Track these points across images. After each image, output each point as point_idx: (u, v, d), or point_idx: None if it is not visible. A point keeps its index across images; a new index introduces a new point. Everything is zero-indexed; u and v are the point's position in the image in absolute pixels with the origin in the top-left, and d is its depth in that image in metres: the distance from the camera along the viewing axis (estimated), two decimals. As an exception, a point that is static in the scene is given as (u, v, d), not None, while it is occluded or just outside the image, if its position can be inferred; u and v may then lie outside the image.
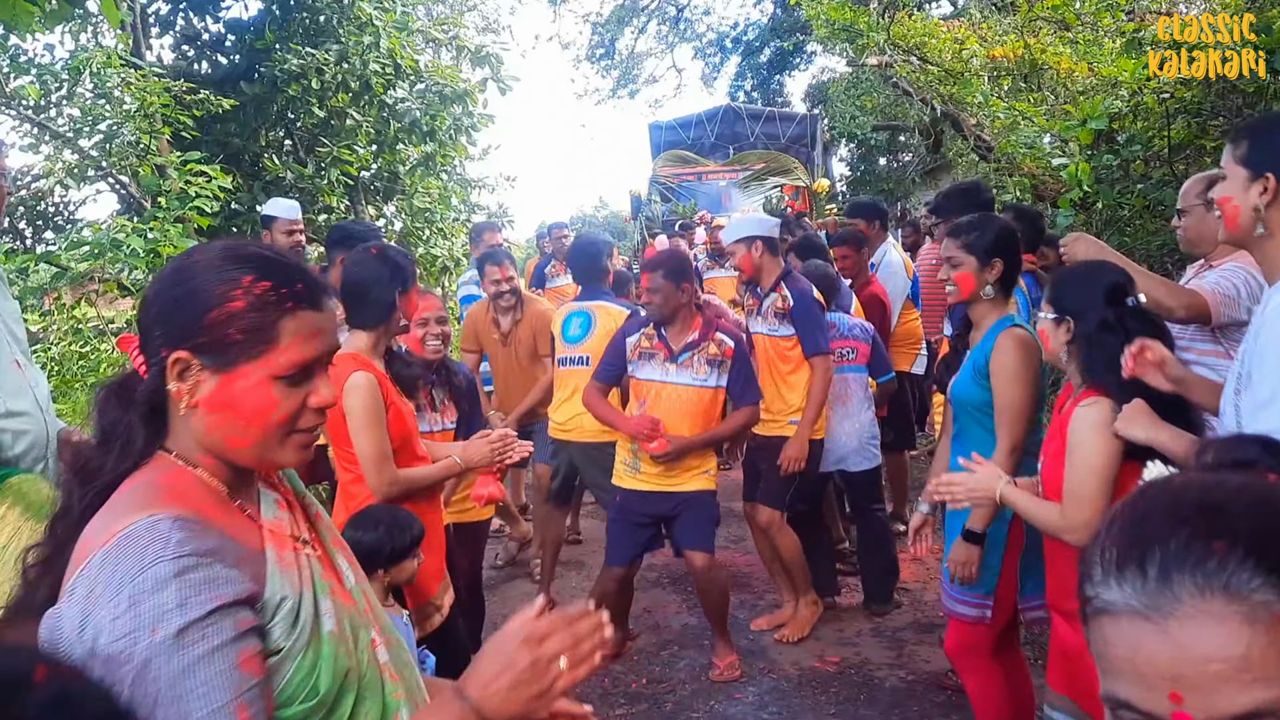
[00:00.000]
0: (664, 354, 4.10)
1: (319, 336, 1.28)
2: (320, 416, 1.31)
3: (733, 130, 13.51)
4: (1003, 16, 12.37)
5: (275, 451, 1.29)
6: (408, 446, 2.92)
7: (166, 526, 1.14)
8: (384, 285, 2.89)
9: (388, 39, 10.63)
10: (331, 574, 1.36)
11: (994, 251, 2.90)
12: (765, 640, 4.45)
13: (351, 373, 2.82)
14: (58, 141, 9.55)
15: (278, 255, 1.31)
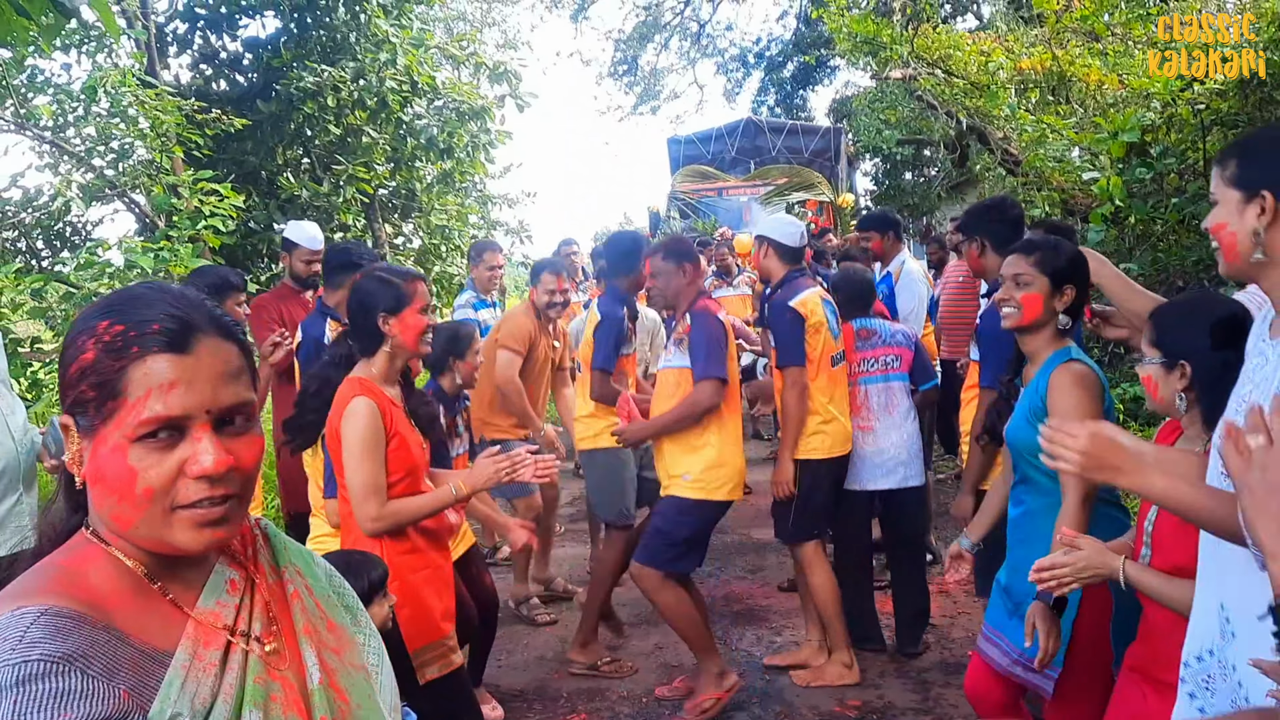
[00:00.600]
0: (673, 340, 4.06)
1: (182, 387, 1.02)
2: (220, 485, 1.04)
3: (754, 144, 13.29)
4: (1029, 29, 12.15)
5: (163, 532, 1.04)
6: (413, 481, 2.76)
7: (28, 621, 0.95)
8: (367, 310, 2.74)
9: (404, 56, 10.56)
10: (283, 675, 1.13)
11: (1069, 276, 2.64)
12: (782, 682, 4.21)
13: (352, 398, 2.67)
14: (73, 161, 9.51)
15: (156, 292, 1.09)
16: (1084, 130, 9.13)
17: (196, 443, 1.03)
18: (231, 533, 1.08)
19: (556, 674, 4.42)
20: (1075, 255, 2.70)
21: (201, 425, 1.04)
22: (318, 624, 1.22)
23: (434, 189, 12.16)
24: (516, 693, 4.25)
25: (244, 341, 1.12)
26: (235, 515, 1.08)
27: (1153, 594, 2.11)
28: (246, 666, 1.09)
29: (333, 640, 1.22)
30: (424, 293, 2.80)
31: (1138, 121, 7.75)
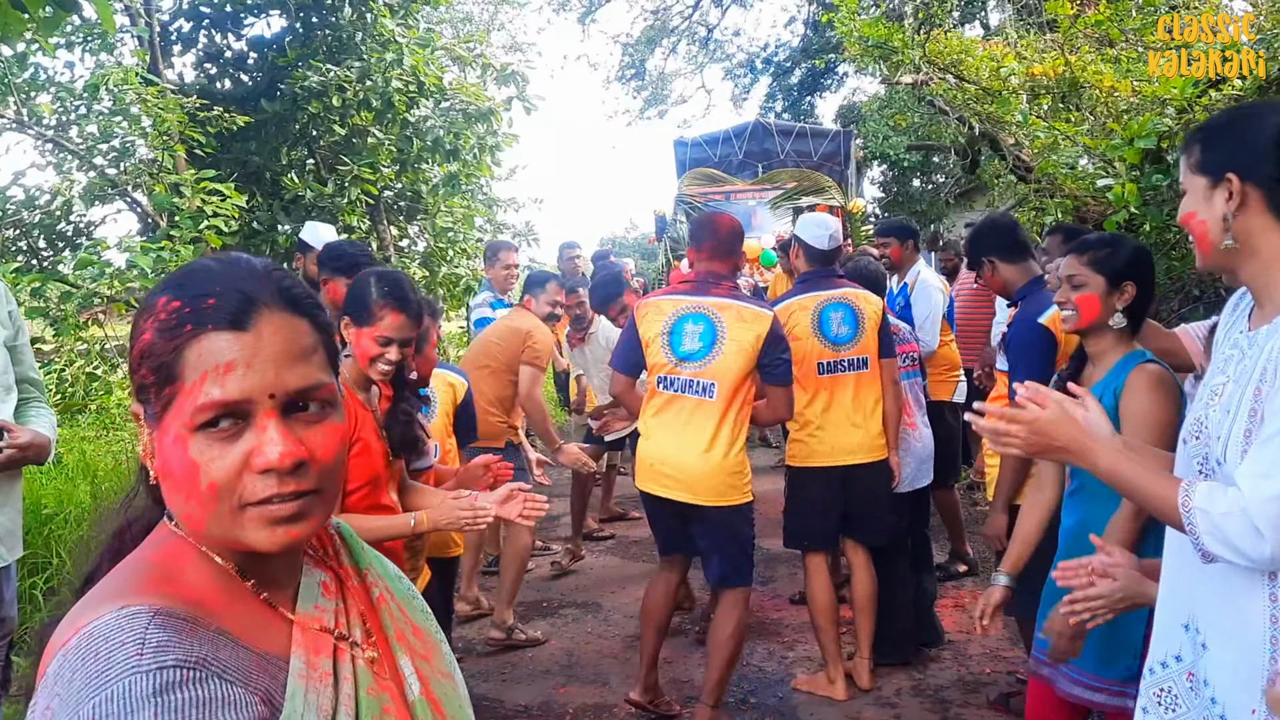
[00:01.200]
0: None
1: (240, 368, 0.90)
2: (291, 481, 0.91)
3: (762, 147, 13.11)
4: (1040, 34, 12.03)
5: (234, 531, 0.92)
6: (374, 492, 2.63)
7: (144, 622, 0.84)
8: (344, 307, 2.66)
9: (410, 56, 10.45)
10: (388, 684, 1.02)
11: (1127, 273, 2.53)
12: (796, 700, 4.08)
13: None
14: (75, 160, 9.41)
15: (221, 263, 0.97)
16: (1097, 137, 9.01)
17: (261, 432, 0.91)
18: (309, 531, 0.95)
19: (560, 689, 4.30)
20: (1134, 251, 2.58)
21: (267, 412, 0.91)
22: (405, 630, 1.11)
23: (440, 191, 12.04)
24: (520, 708, 4.13)
25: (319, 317, 0.99)
26: (314, 511, 0.95)
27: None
28: (357, 676, 0.99)
29: (420, 646, 1.11)
30: (396, 326, 2.59)
31: (1154, 128, 7.63)
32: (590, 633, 4.96)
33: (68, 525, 4.69)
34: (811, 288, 4.20)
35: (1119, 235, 2.70)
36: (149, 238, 8.46)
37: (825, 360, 4.12)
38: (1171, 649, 1.72)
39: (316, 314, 0.98)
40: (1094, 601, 1.99)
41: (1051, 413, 1.74)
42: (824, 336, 4.12)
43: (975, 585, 5.36)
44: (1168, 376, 2.49)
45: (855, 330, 4.16)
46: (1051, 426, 1.72)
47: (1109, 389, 2.50)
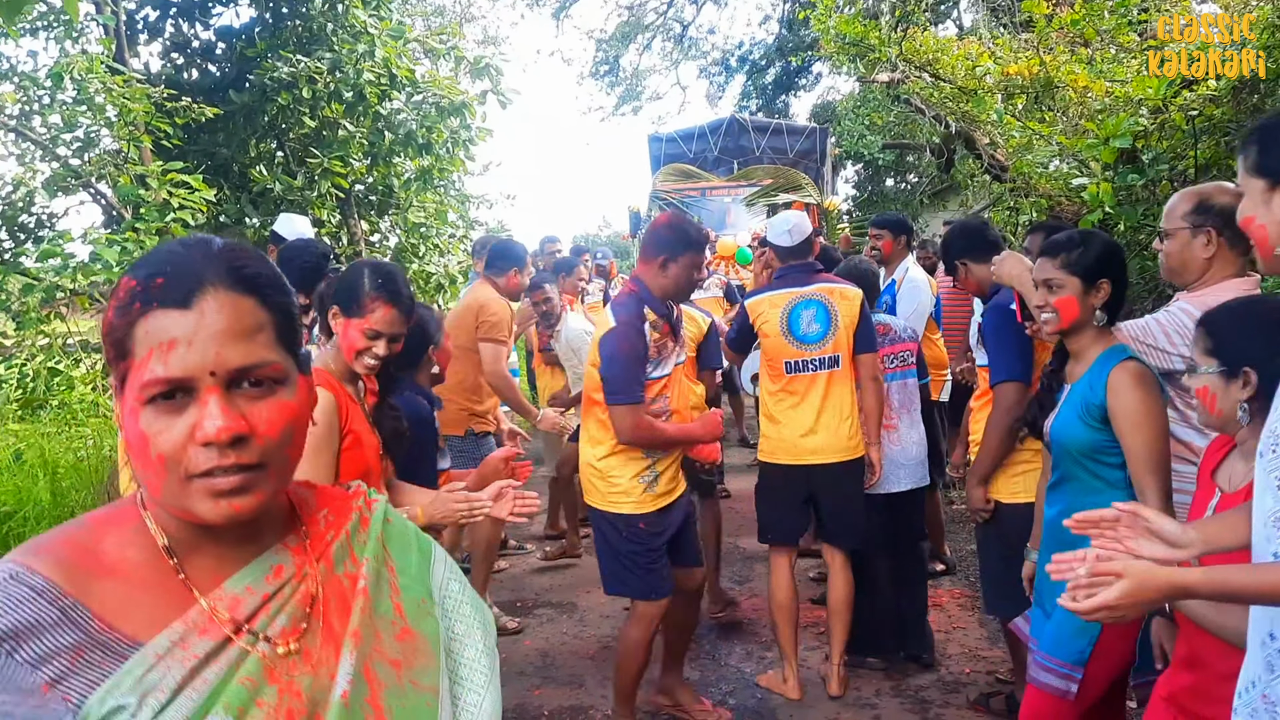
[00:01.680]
0: (670, 338, 3.57)
1: (182, 346, 0.93)
2: (231, 454, 0.94)
3: (737, 143, 13.03)
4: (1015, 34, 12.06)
5: (184, 501, 0.95)
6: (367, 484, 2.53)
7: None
8: (335, 294, 2.58)
9: (383, 48, 10.32)
10: (287, 681, 0.99)
11: (1100, 270, 2.54)
12: (775, 701, 4.02)
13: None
14: (37, 150, 9.21)
15: (180, 245, 0.99)
16: (1071, 137, 9.02)
17: (203, 407, 0.94)
18: (254, 504, 0.97)
19: (536, 690, 4.22)
20: (1105, 247, 2.59)
21: (209, 388, 0.94)
22: (382, 629, 1.07)
23: (412, 185, 11.90)
24: (494, 710, 4.04)
25: (271, 296, 1.00)
26: (259, 486, 0.97)
27: (1201, 622, 1.93)
28: (240, 665, 0.98)
29: (396, 651, 1.07)
30: (387, 320, 2.51)
31: (1129, 128, 7.65)
32: (566, 633, 4.88)
33: (27, 524, 4.55)
34: (786, 284, 4.15)
35: (1089, 232, 2.67)
36: (114, 230, 8.28)
37: (792, 359, 4.06)
38: (1251, 673, 1.64)
39: (268, 293, 1.00)
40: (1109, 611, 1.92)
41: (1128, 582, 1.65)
42: (792, 335, 4.06)
43: (953, 584, 5.32)
44: (1148, 372, 2.51)
45: (826, 328, 4.08)
46: (1137, 593, 1.63)
47: (1091, 384, 2.52)
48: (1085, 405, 2.52)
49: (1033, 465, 3.31)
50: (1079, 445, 2.54)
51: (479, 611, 1.18)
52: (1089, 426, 2.51)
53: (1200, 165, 7.19)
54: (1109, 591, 1.63)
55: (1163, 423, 2.45)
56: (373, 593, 1.08)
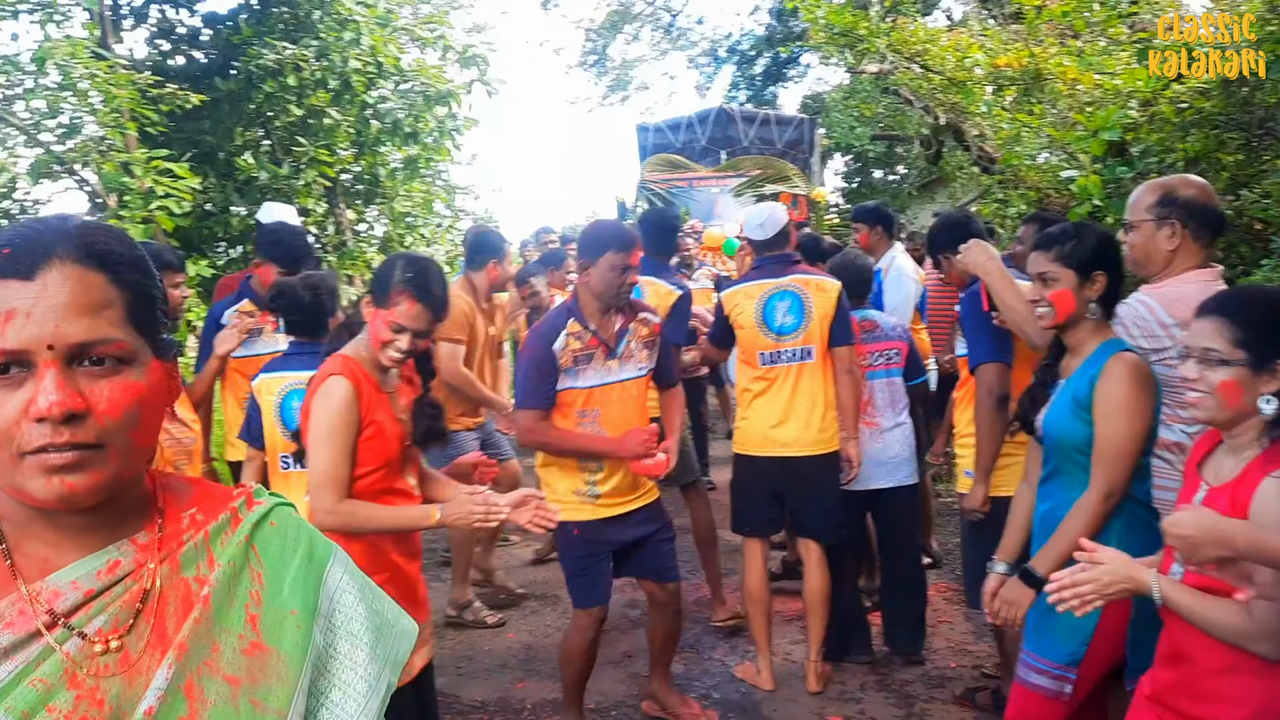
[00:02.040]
0: (602, 351, 3.46)
1: (20, 318, 0.90)
2: (65, 431, 0.90)
3: (725, 134, 13.00)
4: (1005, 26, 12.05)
5: (17, 479, 0.91)
6: (389, 476, 2.54)
7: None
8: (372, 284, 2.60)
9: (369, 36, 10.24)
10: (90, 687, 0.92)
11: (1096, 263, 2.50)
12: (758, 695, 4.01)
13: (329, 376, 2.46)
14: (19, 136, 9.11)
15: (39, 220, 0.99)
16: (1061, 129, 9.02)
17: (39, 381, 0.91)
18: (90, 484, 0.92)
19: (519, 683, 4.20)
20: (1100, 239, 2.55)
21: (46, 362, 0.91)
22: (223, 641, 0.98)
23: (399, 175, 11.83)
24: (476, 704, 4.02)
25: (124, 273, 0.97)
26: (95, 465, 0.93)
27: (1188, 615, 1.90)
28: (38, 665, 0.92)
29: (237, 667, 0.98)
30: (411, 315, 2.48)
31: (1118, 120, 7.64)
32: (550, 626, 4.86)
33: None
34: (763, 275, 4.12)
35: (1083, 224, 2.67)
36: (98, 218, 8.20)
37: (767, 350, 4.04)
38: None
39: (121, 271, 0.97)
40: (1083, 588, 1.93)
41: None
42: (767, 326, 4.04)
43: (939, 578, 5.32)
44: (1145, 367, 2.46)
45: (800, 320, 4.04)
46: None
47: (1085, 376, 2.47)
48: (1077, 398, 2.48)
49: (1015, 458, 3.29)
50: (1071, 439, 2.49)
51: (373, 630, 1.09)
52: (1080, 420, 2.46)
53: (1190, 158, 7.19)
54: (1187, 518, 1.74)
55: (1138, 422, 2.40)
56: (216, 601, 1.00)
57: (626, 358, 3.51)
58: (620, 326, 3.50)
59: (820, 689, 4.01)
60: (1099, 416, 2.41)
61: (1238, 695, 1.86)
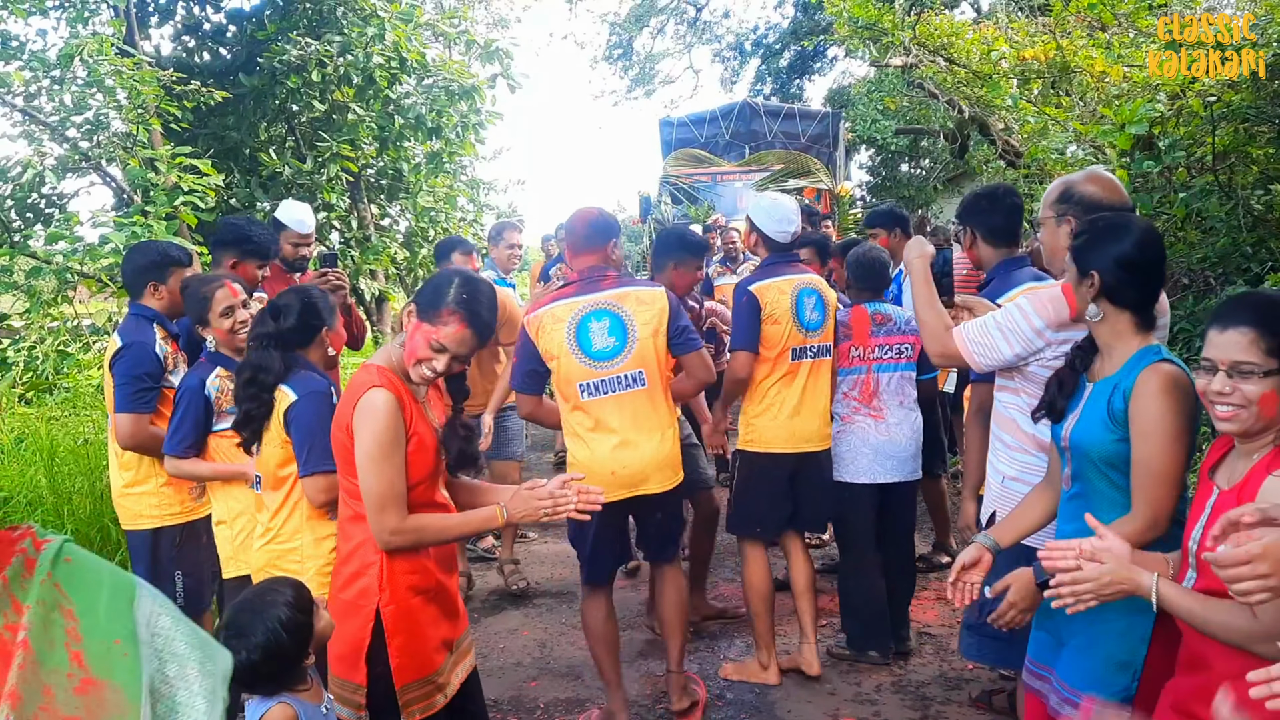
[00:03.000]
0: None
1: None
2: None
3: (749, 128, 12.90)
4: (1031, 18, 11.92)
5: None
6: (429, 488, 2.46)
7: None
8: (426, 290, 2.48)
9: (392, 31, 10.27)
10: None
11: (1091, 264, 2.32)
12: (773, 695, 3.97)
13: (369, 388, 2.32)
14: (46, 131, 9.20)
15: None
16: (1087, 122, 8.91)
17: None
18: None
19: (532, 682, 4.19)
20: (1105, 240, 2.34)
21: None
22: (54, 685, 0.94)
23: (422, 170, 11.87)
24: (490, 702, 4.01)
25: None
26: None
27: (1187, 617, 1.85)
28: None
29: (74, 707, 0.95)
30: (458, 339, 2.35)
31: (1146, 113, 7.53)
32: (564, 624, 4.85)
33: (22, 510, 4.54)
34: (784, 270, 4.08)
35: (1111, 220, 2.45)
36: (123, 213, 8.27)
37: (798, 346, 4.03)
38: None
39: None
40: (1081, 585, 1.88)
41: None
42: (799, 321, 4.01)
43: (958, 577, 5.26)
44: (1183, 378, 2.23)
45: (823, 316, 4.09)
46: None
47: (1118, 388, 2.29)
48: (1111, 409, 2.30)
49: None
50: (1103, 454, 2.31)
51: (197, 648, 1.06)
52: (1113, 435, 2.28)
53: (1218, 152, 7.08)
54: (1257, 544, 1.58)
55: (1177, 440, 2.20)
56: (36, 643, 0.96)
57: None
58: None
59: (819, 673, 4.04)
60: (1135, 435, 2.23)
61: (1252, 701, 1.82)
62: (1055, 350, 2.65)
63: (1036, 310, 2.65)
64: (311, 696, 2.16)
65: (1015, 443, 2.84)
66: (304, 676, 2.15)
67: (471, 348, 2.38)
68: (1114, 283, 2.29)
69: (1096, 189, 2.71)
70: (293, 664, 2.09)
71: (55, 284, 7.48)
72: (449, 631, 2.51)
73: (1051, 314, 2.63)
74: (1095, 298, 2.33)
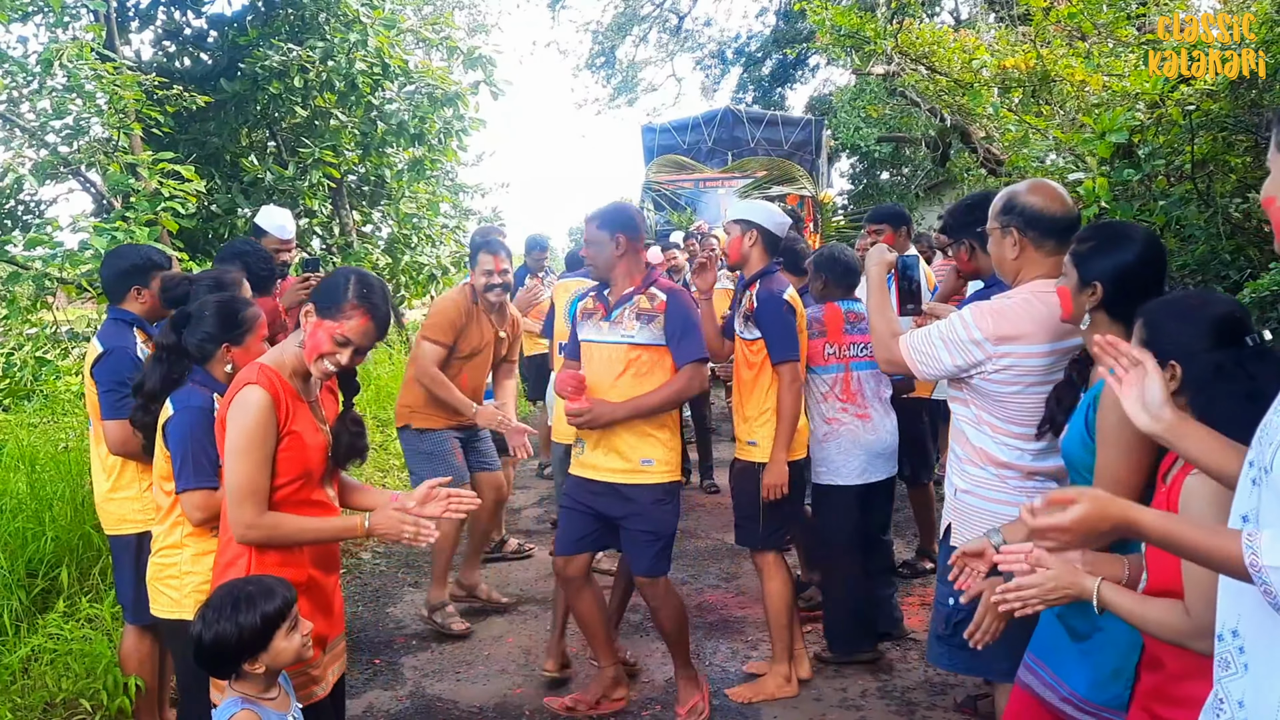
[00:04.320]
0: (600, 312, 3.76)
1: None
2: None
3: (732, 134, 12.94)
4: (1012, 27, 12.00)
5: None
6: (306, 486, 2.48)
7: None
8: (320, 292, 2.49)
9: (375, 37, 10.25)
10: None
11: (1094, 274, 2.32)
12: (759, 701, 3.97)
13: (244, 385, 2.38)
14: (25, 136, 9.12)
15: None
16: (1068, 131, 8.97)
17: None
18: None
19: (517, 689, 4.17)
20: (1109, 250, 2.34)
21: None
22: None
23: (404, 176, 11.84)
24: (475, 709, 4.00)
25: None
26: None
27: (1128, 618, 1.90)
28: None
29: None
30: (362, 331, 2.44)
31: (1125, 122, 7.59)
32: (549, 630, 4.82)
33: (2, 516, 4.49)
34: (783, 278, 4.10)
35: (1117, 228, 2.45)
36: (103, 219, 8.21)
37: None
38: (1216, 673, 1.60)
39: None
40: (1025, 591, 1.93)
41: (1084, 506, 1.64)
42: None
43: (942, 582, 5.28)
44: None
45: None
46: (1091, 519, 1.62)
47: (1091, 396, 2.31)
48: (1087, 419, 2.33)
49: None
50: (1082, 462, 2.34)
51: None
52: (1087, 444, 2.30)
53: (1197, 160, 7.14)
54: (1063, 514, 1.62)
55: (1136, 446, 2.16)
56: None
57: (617, 323, 3.69)
58: (625, 295, 3.70)
59: (810, 676, 4.07)
60: (1097, 443, 2.25)
61: (1202, 698, 1.84)
62: (996, 364, 2.66)
63: (975, 321, 2.67)
64: (278, 705, 2.20)
65: (965, 455, 2.85)
66: (261, 682, 2.20)
67: (373, 339, 2.48)
68: (1115, 295, 2.30)
69: (1038, 199, 2.69)
70: (231, 660, 2.16)
71: (34, 290, 7.42)
72: (322, 628, 2.53)
73: (990, 326, 2.64)
74: (1094, 308, 2.34)
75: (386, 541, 2.63)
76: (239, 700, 2.18)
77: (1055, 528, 1.64)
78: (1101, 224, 2.51)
